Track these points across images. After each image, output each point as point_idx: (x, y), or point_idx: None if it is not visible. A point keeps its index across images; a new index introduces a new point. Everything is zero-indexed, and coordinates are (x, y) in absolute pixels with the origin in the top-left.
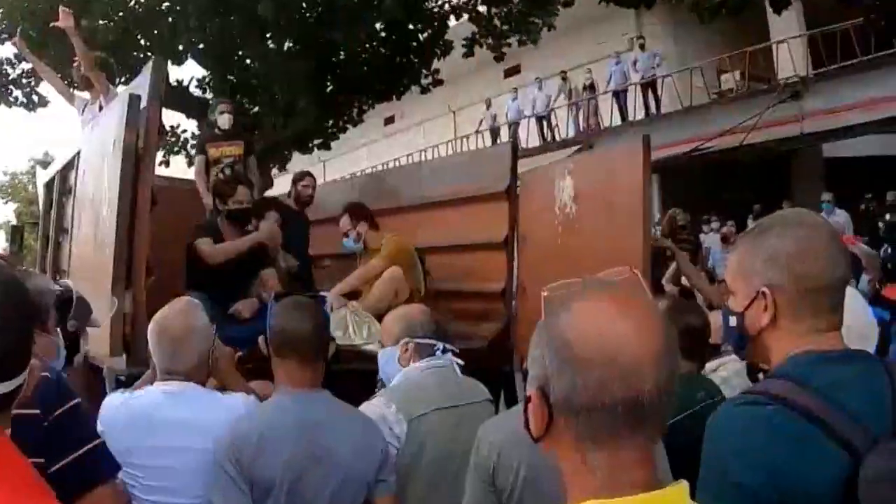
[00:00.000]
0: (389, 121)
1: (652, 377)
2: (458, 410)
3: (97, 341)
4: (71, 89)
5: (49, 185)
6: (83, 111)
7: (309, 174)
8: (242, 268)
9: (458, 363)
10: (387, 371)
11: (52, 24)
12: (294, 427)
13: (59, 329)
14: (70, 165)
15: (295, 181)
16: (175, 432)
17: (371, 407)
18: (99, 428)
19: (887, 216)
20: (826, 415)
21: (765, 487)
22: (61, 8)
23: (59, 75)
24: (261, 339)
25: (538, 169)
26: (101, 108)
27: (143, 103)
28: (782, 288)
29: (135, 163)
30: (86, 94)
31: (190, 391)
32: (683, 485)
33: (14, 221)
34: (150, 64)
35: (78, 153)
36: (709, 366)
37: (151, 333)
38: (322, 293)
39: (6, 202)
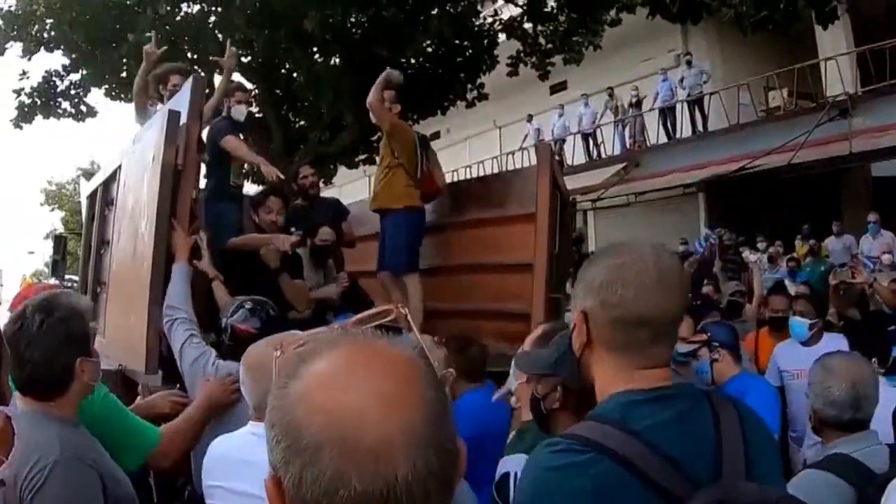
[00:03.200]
0: (435, 136)
1: (412, 458)
2: None
3: (132, 356)
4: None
5: (92, 197)
6: None
7: (307, 166)
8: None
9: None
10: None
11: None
12: None
13: None
14: (113, 178)
15: (292, 179)
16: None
17: None
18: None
19: None
20: (643, 462)
21: None
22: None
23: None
24: None
25: None
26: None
27: (183, 119)
28: (594, 315)
29: (173, 178)
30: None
31: None
32: None
33: (60, 230)
34: (189, 80)
35: (120, 166)
36: None
37: (247, 369)
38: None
39: (53, 210)
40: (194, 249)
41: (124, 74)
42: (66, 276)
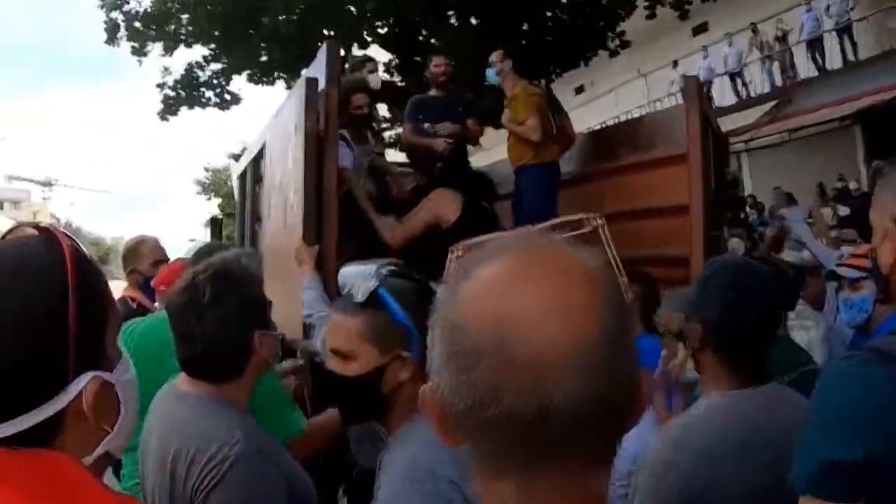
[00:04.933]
0: (580, 90)
1: (575, 381)
2: None
3: (289, 325)
4: None
5: (242, 177)
6: None
7: (441, 56)
8: None
9: None
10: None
11: None
12: None
13: None
14: (260, 155)
15: (427, 67)
16: None
17: None
18: None
19: None
20: None
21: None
22: None
23: None
24: None
25: None
26: None
27: (322, 85)
28: None
29: (317, 146)
30: None
31: None
32: None
33: (218, 215)
34: (324, 47)
35: (265, 142)
36: None
37: None
38: None
39: (210, 199)
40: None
41: (264, 59)
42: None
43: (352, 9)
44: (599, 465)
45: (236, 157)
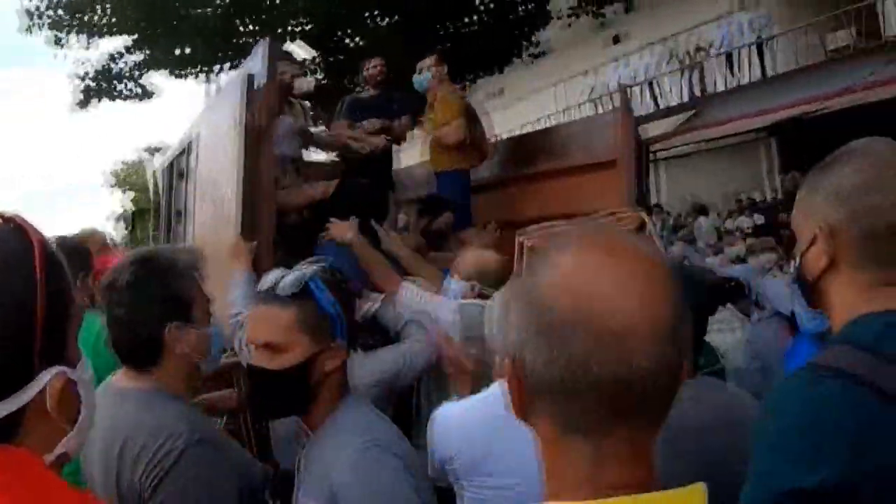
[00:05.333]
0: (493, 95)
1: (651, 350)
2: None
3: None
4: None
5: (163, 171)
6: None
7: (378, 57)
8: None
9: None
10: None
11: None
12: None
13: None
14: (185, 151)
15: (361, 69)
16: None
17: None
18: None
19: None
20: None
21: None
22: None
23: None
24: None
25: None
26: None
27: (260, 81)
28: (841, 227)
29: (256, 141)
30: None
31: None
32: (698, 488)
33: (130, 209)
34: (263, 43)
35: (193, 138)
36: None
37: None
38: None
39: (124, 192)
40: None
41: (186, 51)
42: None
43: (277, 2)
44: (659, 422)
45: (152, 151)
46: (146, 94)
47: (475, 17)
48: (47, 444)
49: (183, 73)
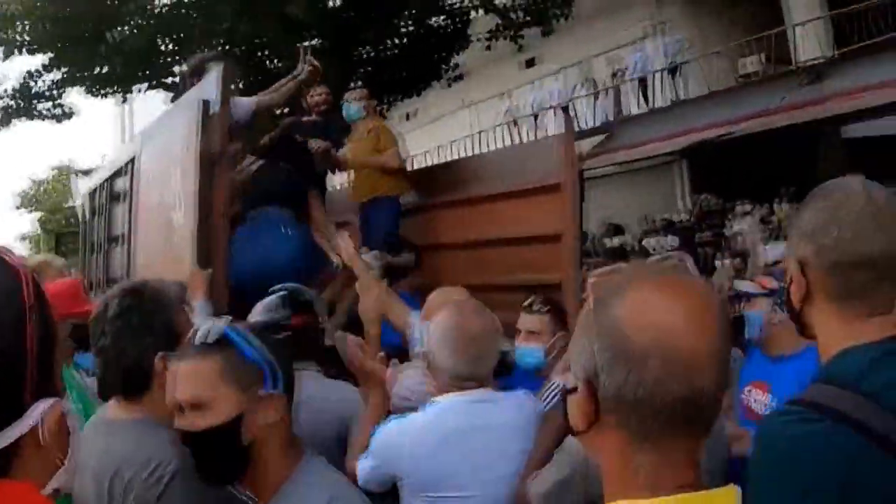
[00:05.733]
0: (407, 117)
1: (710, 373)
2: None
3: None
4: None
5: (93, 194)
6: None
7: (324, 86)
8: None
9: None
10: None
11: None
12: None
13: None
14: (120, 173)
15: (305, 95)
16: (496, 439)
17: None
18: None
19: None
20: (883, 427)
21: None
22: None
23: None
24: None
25: None
26: None
27: (215, 108)
28: (811, 263)
29: (211, 169)
30: None
31: (497, 394)
32: (734, 489)
33: (39, 230)
34: (218, 69)
35: (131, 160)
36: None
37: (441, 337)
38: None
39: (31, 211)
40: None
41: (104, 70)
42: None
43: (202, 25)
44: (709, 431)
45: (62, 171)
46: (65, 115)
47: (395, 41)
48: (41, 478)
49: (101, 92)
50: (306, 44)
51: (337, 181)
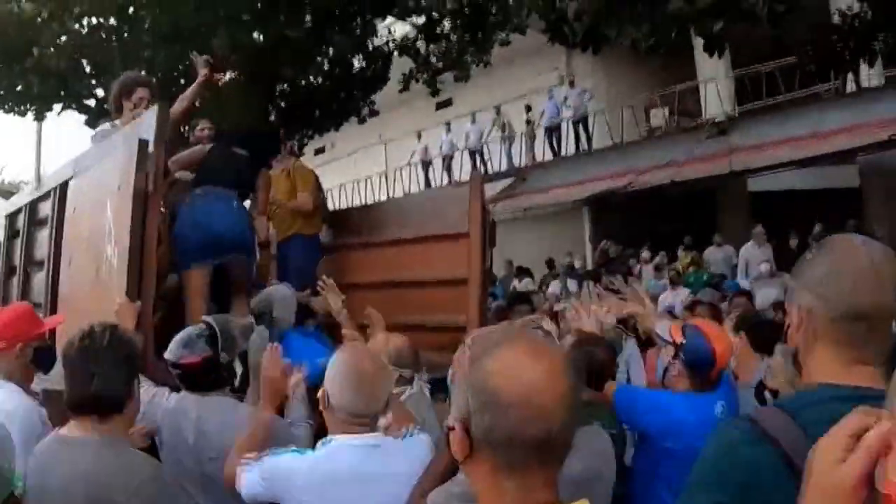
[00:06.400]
0: (320, 150)
1: (560, 417)
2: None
3: None
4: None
5: (13, 216)
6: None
7: (207, 119)
8: None
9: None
10: None
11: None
12: None
13: None
14: (45, 197)
15: (192, 128)
16: (387, 488)
17: None
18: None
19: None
20: (798, 453)
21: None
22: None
23: None
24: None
25: None
26: None
27: (151, 147)
28: (814, 311)
29: (144, 205)
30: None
31: (391, 441)
32: (585, 501)
33: None
34: (154, 108)
35: (57, 188)
36: None
37: (338, 376)
38: None
39: None
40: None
41: (19, 88)
42: None
43: (123, 50)
44: (562, 461)
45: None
46: None
47: (313, 78)
48: None
49: (16, 109)
50: (199, 56)
51: None
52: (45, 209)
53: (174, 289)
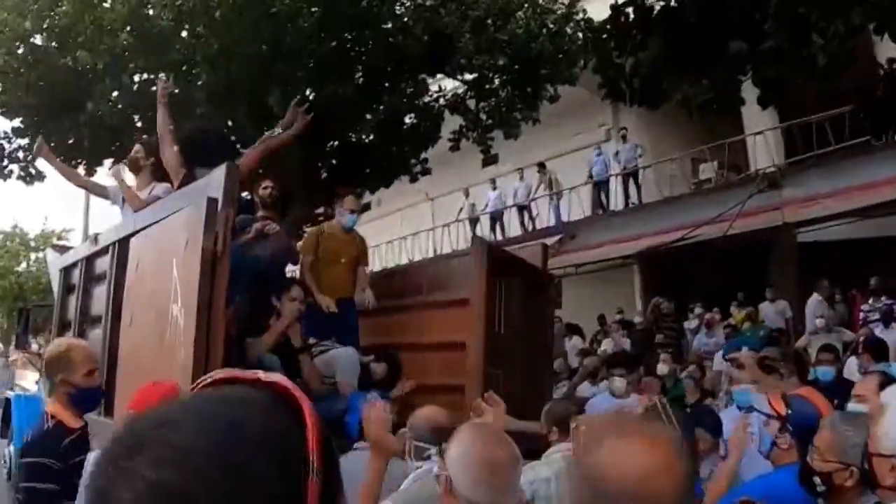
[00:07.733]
0: (366, 207)
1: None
2: None
3: None
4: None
5: (68, 269)
6: (122, 201)
7: (267, 178)
8: None
9: None
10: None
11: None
12: None
13: None
14: (102, 252)
15: (256, 189)
16: None
17: None
18: None
19: (871, 301)
20: None
21: None
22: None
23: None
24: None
25: None
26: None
27: (221, 206)
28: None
29: (213, 265)
30: (113, 183)
31: None
32: None
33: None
34: (223, 167)
35: (117, 243)
36: None
37: (473, 466)
38: None
39: None
40: None
41: (71, 141)
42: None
43: (179, 108)
44: None
45: (53, 245)
46: (36, 177)
47: (363, 136)
48: None
49: (69, 162)
50: (298, 105)
51: None
52: (104, 265)
53: None
